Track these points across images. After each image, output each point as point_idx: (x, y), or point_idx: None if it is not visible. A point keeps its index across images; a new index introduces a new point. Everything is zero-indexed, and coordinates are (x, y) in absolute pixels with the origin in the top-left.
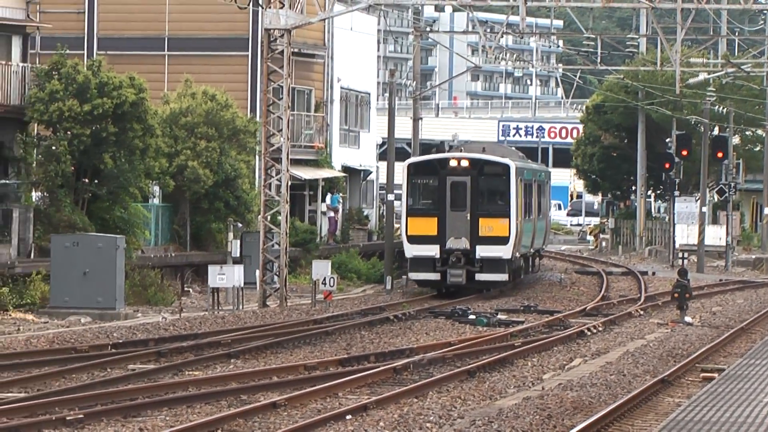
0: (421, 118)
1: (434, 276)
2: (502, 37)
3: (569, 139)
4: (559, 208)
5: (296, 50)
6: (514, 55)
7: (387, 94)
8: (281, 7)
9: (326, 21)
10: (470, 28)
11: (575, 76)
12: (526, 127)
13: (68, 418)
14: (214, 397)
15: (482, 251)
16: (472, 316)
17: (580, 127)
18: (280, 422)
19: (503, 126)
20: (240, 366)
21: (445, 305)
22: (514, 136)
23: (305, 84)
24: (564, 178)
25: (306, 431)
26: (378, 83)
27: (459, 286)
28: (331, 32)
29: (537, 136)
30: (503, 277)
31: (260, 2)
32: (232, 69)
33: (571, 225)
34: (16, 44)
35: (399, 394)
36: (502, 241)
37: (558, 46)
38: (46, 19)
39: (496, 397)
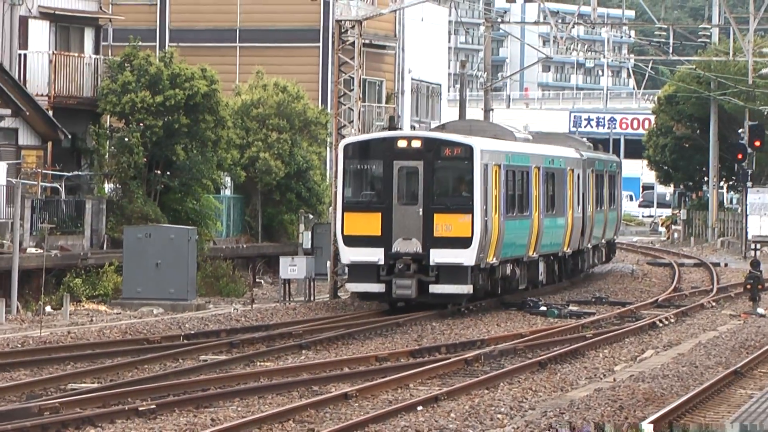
0: (493, 110)
1: (377, 287)
2: (574, 27)
3: (641, 130)
4: (631, 199)
5: (367, 41)
6: (586, 46)
7: (458, 86)
8: None
9: (397, 12)
10: (541, 19)
11: (647, 67)
12: (598, 118)
13: (141, 408)
14: (285, 388)
15: (438, 256)
16: (543, 308)
17: (652, 117)
18: (351, 413)
19: (575, 117)
20: (311, 357)
21: (515, 296)
22: (585, 127)
23: (376, 75)
24: (635, 169)
25: (377, 422)
26: (449, 74)
27: (408, 300)
28: (402, 23)
29: (608, 127)
30: (464, 289)
31: None
32: (303, 60)
33: (642, 216)
34: (89, 36)
35: (470, 386)
36: (464, 243)
37: (629, 37)
38: (118, 11)
39: (568, 388)
